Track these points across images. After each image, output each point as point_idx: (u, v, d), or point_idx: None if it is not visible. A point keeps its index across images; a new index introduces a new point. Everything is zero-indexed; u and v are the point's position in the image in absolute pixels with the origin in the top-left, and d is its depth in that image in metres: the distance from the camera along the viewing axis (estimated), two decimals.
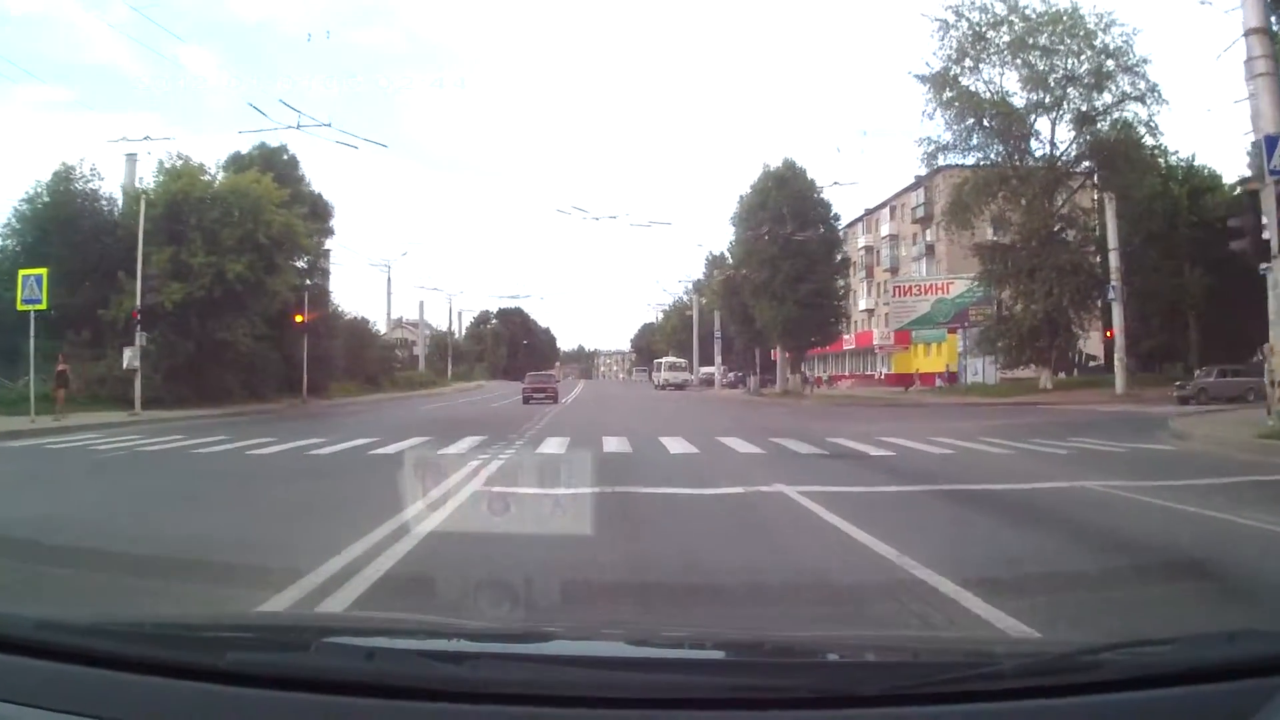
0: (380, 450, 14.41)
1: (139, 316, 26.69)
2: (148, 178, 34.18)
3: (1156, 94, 39.66)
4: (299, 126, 21.35)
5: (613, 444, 15.36)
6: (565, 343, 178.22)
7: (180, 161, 32.76)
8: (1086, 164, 42.70)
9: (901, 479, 10.73)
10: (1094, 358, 51.91)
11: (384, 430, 19.54)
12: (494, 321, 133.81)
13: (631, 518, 7.71)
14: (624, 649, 2.07)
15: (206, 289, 30.27)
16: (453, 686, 1.51)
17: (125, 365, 26.81)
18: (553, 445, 15.41)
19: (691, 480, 10.29)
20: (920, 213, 67.86)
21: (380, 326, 72.64)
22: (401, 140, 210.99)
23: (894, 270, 71.04)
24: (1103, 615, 4.61)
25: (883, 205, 75.23)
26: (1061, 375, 46.01)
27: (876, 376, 68.58)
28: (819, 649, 2.10)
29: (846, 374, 74.99)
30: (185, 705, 1.53)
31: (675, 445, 15.15)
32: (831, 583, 5.40)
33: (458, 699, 1.48)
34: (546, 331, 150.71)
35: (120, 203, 34.96)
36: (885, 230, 75.12)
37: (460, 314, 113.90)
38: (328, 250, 48.19)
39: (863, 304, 73.47)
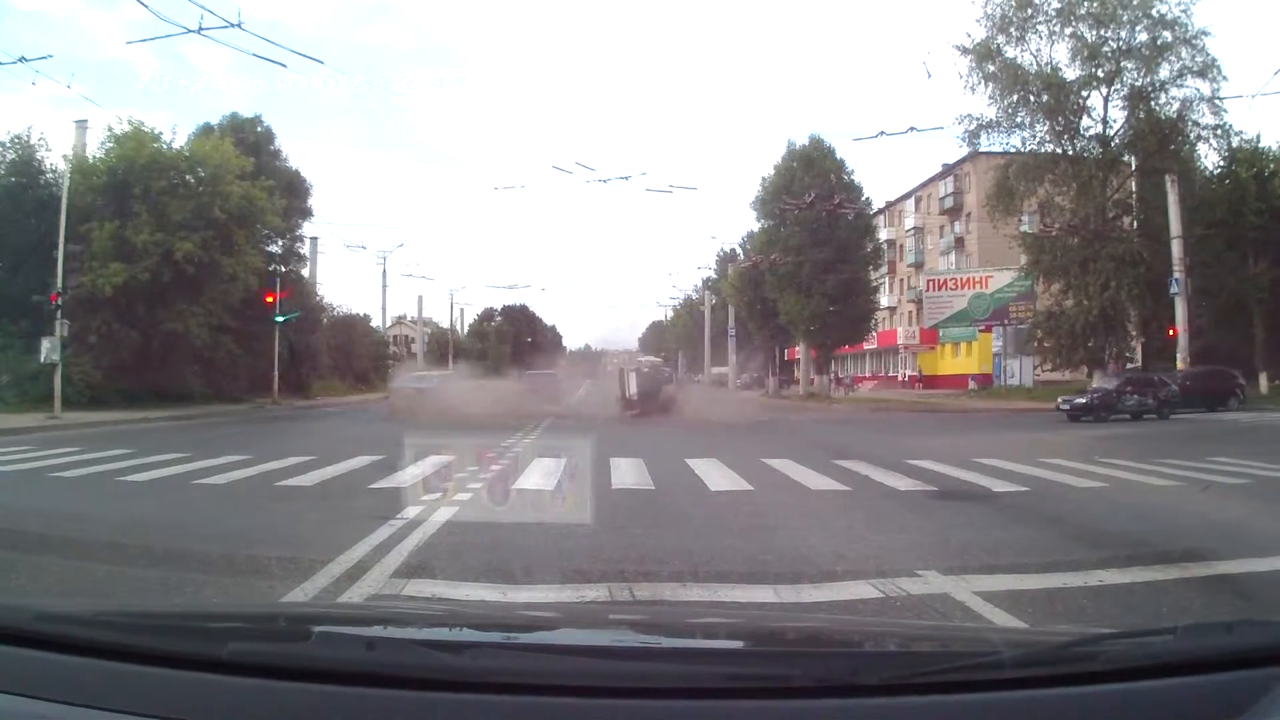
0: (297, 480, 10.12)
1: (58, 300, 22.44)
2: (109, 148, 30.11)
3: (1217, 69, 36.28)
4: (200, 30, 16.60)
5: (625, 470, 11.06)
6: (572, 341, 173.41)
7: (131, 127, 28.62)
8: (1143, 144, 38.87)
9: (1096, 547, 6.45)
10: (1129, 359, 47.85)
11: (335, 443, 15.49)
12: (498, 319, 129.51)
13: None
14: (624, 638, 2.00)
15: (153, 271, 26.12)
16: (453, 676, 1.46)
17: (43, 359, 22.70)
18: (541, 474, 10.71)
19: (767, 555, 6.09)
20: (949, 203, 63.53)
21: (380, 323, 68.62)
22: (403, 132, 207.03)
23: (919, 265, 66.51)
24: None
25: (906, 196, 70.60)
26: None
27: (900, 378, 64.26)
28: (818, 638, 2.06)
29: (869, 375, 70.51)
30: (186, 695, 1.46)
31: (713, 474, 10.84)
32: None
33: (458, 689, 1.43)
34: (552, 329, 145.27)
35: (67, 175, 30.91)
36: (910, 223, 70.35)
37: (463, 311, 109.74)
38: (307, 236, 44.12)
39: (885, 301, 68.54)
